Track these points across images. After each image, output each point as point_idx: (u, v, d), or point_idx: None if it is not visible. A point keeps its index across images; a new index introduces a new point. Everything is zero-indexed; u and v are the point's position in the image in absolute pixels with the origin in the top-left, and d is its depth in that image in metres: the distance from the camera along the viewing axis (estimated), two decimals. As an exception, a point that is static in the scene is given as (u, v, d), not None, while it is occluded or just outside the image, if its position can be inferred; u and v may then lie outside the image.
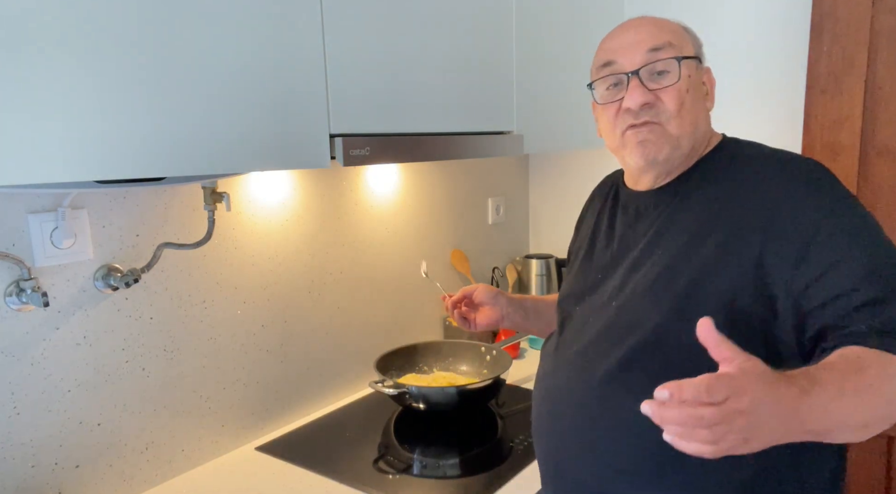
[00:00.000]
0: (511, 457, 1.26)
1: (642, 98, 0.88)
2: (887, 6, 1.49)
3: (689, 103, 0.90)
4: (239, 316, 1.32)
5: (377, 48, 1.10)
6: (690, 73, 0.90)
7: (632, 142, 0.91)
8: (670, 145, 0.90)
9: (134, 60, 0.79)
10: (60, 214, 1.03)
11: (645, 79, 0.89)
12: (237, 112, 0.90)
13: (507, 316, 1.21)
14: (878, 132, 1.54)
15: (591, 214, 1.12)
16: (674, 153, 0.91)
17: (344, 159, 1.01)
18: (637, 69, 0.89)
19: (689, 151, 0.92)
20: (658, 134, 0.90)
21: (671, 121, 0.89)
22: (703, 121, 0.93)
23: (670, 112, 0.89)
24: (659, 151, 0.90)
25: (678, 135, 0.89)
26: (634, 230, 0.96)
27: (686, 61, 0.90)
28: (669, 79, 0.89)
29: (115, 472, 1.14)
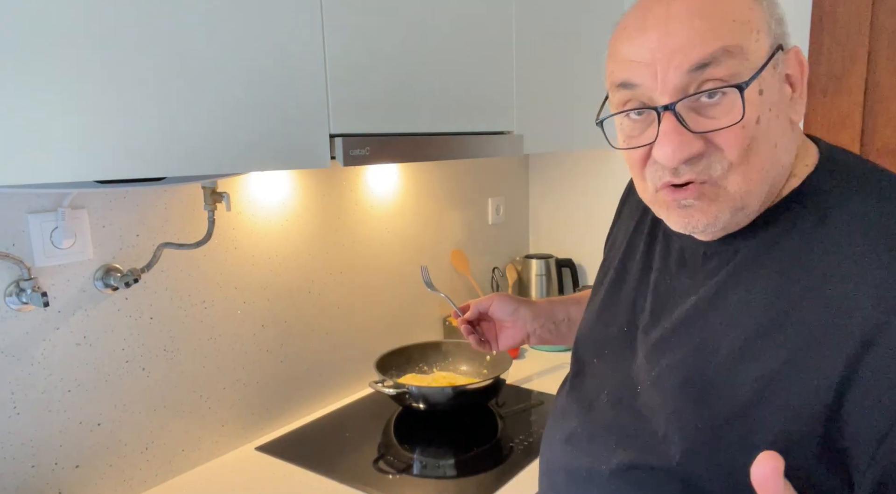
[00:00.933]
0: (511, 457, 1.26)
1: (682, 151, 0.57)
2: (887, 6, 1.49)
3: (761, 139, 0.58)
4: (239, 316, 1.32)
5: (377, 48, 1.10)
6: (764, 87, 0.58)
7: (670, 206, 0.63)
8: (730, 209, 0.60)
9: (134, 60, 0.79)
10: (60, 214, 1.03)
11: (686, 112, 0.58)
12: (237, 112, 0.90)
13: (533, 332, 0.99)
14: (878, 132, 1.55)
15: (627, 218, 0.85)
16: (735, 216, 0.61)
17: (344, 159, 1.01)
18: (672, 103, 0.57)
19: (760, 206, 0.62)
20: (710, 196, 0.60)
21: (731, 175, 0.59)
22: (784, 153, 0.61)
23: (731, 161, 0.58)
24: (713, 220, 0.61)
25: (742, 192, 0.59)
26: (674, 284, 0.70)
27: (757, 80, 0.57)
28: (726, 111, 0.57)
29: (115, 472, 1.14)
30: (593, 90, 1.73)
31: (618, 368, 0.74)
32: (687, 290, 0.68)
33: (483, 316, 1.03)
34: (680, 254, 0.71)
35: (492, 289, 2.03)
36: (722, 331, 0.62)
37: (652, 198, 0.66)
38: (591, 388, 0.78)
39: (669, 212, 0.64)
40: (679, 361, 0.64)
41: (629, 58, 0.60)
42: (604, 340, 0.78)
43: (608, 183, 1.98)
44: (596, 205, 2.02)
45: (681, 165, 0.59)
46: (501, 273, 2.05)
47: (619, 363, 0.74)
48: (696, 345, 0.63)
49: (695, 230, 0.63)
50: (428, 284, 1.13)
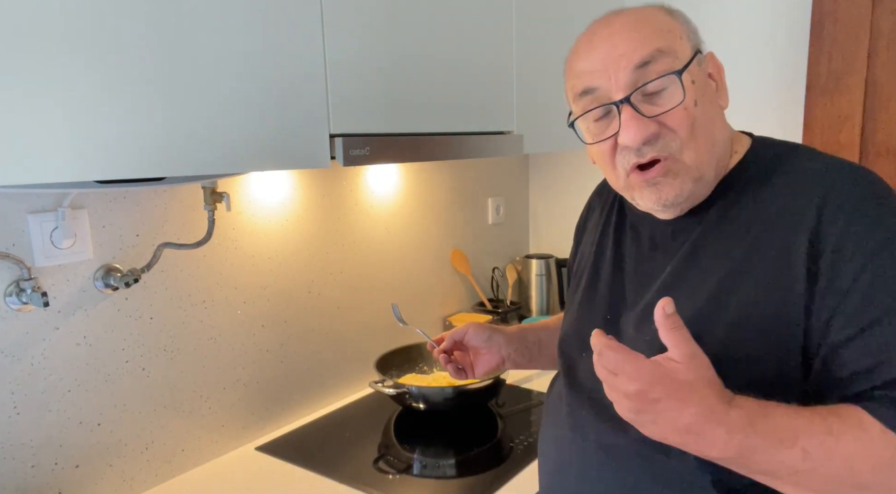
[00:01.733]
0: (511, 457, 1.26)
1: (642, 131, 0.70)
2: (887, 6, 1.49)
3: (700, 118, 0.72)
4: (239, 316, 1.32)
5: (377, 48, 1.10)
6: (694, 78, 0.72)
7: (641, 186, 0.74)
8: (691, 179, 0.73)
9: (134, 61, 0.79)
10: (60, 214, 1.03)
11: (639, 103, 0.71)
12: (237, 112, 0.90)
13: (507, 357, 1.06)
14: (878, 132, 1.55)
15: (593, 228, 0.95)
16: (697, 185, 0.73)
17: (344, 159, 1.01)
18: (627, 96, 0.71)
19: (715, 176, 0.75)
20: (672, 171, 0.72)
21: (685, 150, 0.71)
22: (721, 130, 0.75)
23: (682, 139, 0.71)
24: (679, 191, 0.73)
25: (697, 163, 0.72)
26: (650, 265, 0.80)
27: (688, 71, 0.71)
28: (671, 98, 0.70)
29: (115, 472, 1.14)
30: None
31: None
32: (662, 265, 0.78)
33: (458, 346, 1.07)
34: (651, 240, 0.82)
35: (492, 289, 2.03)
36: (700, 282, 0.73)
37: (624, 184, 0.77)
38: (586, 379, 0.83)
39: (641, 193, 0.75)
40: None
41: (586, 70, 0.74)
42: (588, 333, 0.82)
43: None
44: (596, 205, 2.02)
45: (643, 146, 0.72)
46: (501, 273, 2.05)
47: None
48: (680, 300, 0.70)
49: (665, 203, 0.74)
50: (399, 320, 1.17)
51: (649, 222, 0.82)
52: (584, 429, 0.81)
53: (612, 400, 0.63)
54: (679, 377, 0.60)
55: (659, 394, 0.60)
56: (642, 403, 0.60)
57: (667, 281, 0.76)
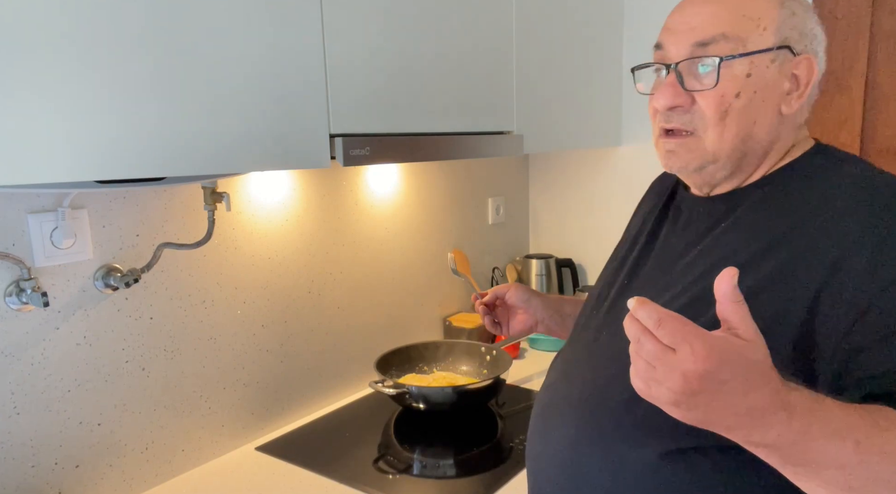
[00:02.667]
0: (511, 458, 1.26)
1: (670, 99, 0.74)
2: (887, 6, 1.49)
3: (738, 110, 0.73)
4: (239, 316, 1.32)
5: (377, 48, 1.10)
6: (754, 72, 0.73)
7: (662, 149, 0.80)
8: (701, 159, 0.76)
9: (135, 61, 0.79)
10: (60, 214, 1.03)
11: (685, 74, 0.74)
12: (237, 112, 0.90)
13: (542, 321, 1.10)
14: (878, 132, 1.55)
15: (643, 211, 0.99)
16: (708, 168, 0.76)
17: (344, 159, 1.01)
18: (675, 63, 0.75)
19: (734, 168, 0.77)
20: (688, 147, 0.76)
21: (707, 132, 0.74)
22: (764, 130, 0.75)
23: (707, 120, 0.74)
24: (686, 164, 0.77)
25: (714, 148, 0.74)
26: (681, 239, 0.83)
27: (736, 61, 0.72)
28: (711, 80, 0.73)
29: (115, 472, 1.14)
30: (593, 91, 1.73)
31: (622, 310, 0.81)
32: (692, 242, 0.80)
33: (499, 302, 1.13)
34: (687, 218, 0.84)
35: (492, 289, 2.03)
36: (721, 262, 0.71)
37: (656, 141, 0.81)
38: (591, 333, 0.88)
39: (660, 155, 0.80)
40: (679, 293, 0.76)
41: (667, 26, 0.78)
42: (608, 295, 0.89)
43: (608, 183, 1.98)
44: (596, 205, 2.02)
45: (671, 113, 0.76)
46: (501, 273, 2.05)
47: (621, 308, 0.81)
48: (699, 275, 0.75)
49: (672, 170, 0.80)
50: (454, 271, 1.31)
51: (689, 202, 0.85)
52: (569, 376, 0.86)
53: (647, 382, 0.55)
54: (749, 356, 0.54)
55: (727, 375, 0.53)
56: (704, 385, 0.52)
57: (692, 258, 0.78)
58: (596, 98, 1.75)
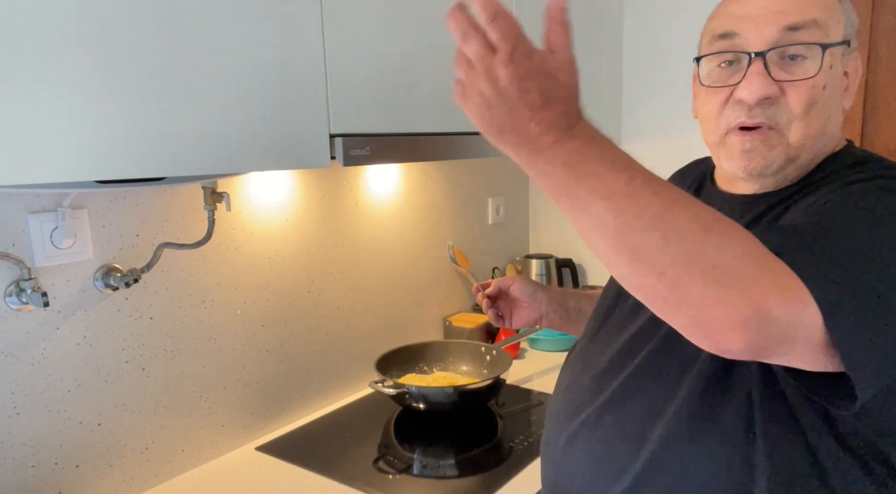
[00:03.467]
0: (511, 457, 1.26)
1: (763, 89, 0.69)
2: (887, 6, 1.49)
3: (822, 103, 0.70)
4: (239, 316, 1.32)
5: (377, 48, 1.10)
6: (833, 64, 0.70)
7: (735, 148, 0.73)
8: (786, 156, 0.72)
9: (134, 61, 0.79)
10: (60, 214, 1.03)
11: (772, 64, 0.69)
12: (237, 112, 0.90)
13: (545, 315, 1.08)
14: (878, 132, 1.55)
15: None
16: (787, 166, 0.72)
17: (344, 159, 1.01)
18: (765, 51, 0.69)
19: (807, 164, 0.73)
20: (773, 143, 0.71)
21: (793, 126, 0.70)
22: (835, 125, 0.74)
23: (795, 113, 0.70)
24: (769, 164, 0.72)
25: (800, 144, 0.71)
26: None
27: (833, 49, 0.69)
28: (804, 69, 0.69)
29: (115, 472, 1.14)
30: (593, 91, 1.73)
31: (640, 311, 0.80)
32: None
33: (502, 295, 1.11)
34: None
35: (492, 289, 2.03)
36: None
37: (718, 140, 0.75)
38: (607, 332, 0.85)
39: (731, 154, 0.74)
40: None
41: (737, 13, 0.72)
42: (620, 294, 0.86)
43: (608, 183, 1.98)
44: (596, 205, 2.02)
45: (755, 107, 0.70)
46: (501, 273, 2.05)
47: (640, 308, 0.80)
48: None
49: (752, 172, 0.72)
50: (453, 260, 1.28)
51: (719, 200, 0.81)
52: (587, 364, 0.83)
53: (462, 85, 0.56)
54: (558, 74, 0.56)
55: (532, 84, 0.54)
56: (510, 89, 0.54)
57: None
58: (596, 98, 1.75)
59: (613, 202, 0.53)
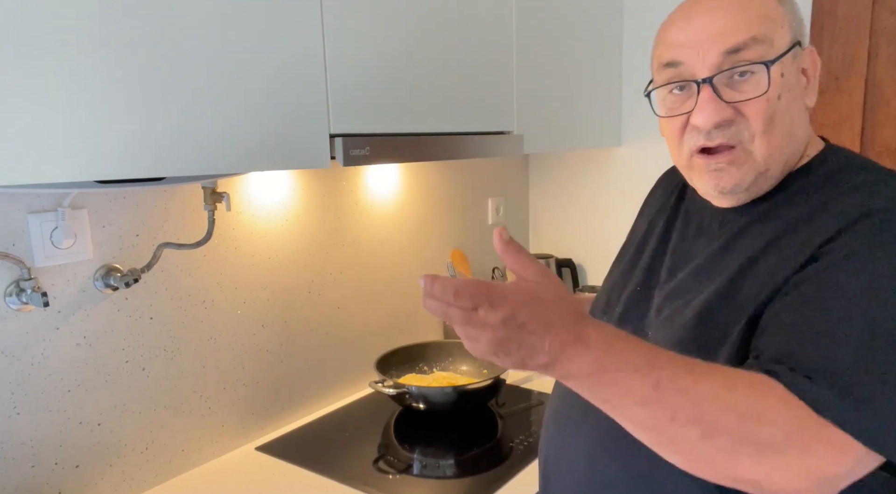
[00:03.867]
0: (511, 457, 1.26)
1: (716, 116, 0.69)
2: (887, 6, 1.49)
3: (781, 113, 0.70)
4: (239, 316, 1.32)
5: (377, 48, 1.10)
6: (785, 71, 0.70)
7: (703, 170, 0.74)
8: (755, 172, 0.72)
9: (134, 61, 0.79)
10: (60, 214, 1.03)
11: (721, 86, 0.70)
12: (237, 112, 0.90)
13: None
14: (878, 132, 1.55)
15: (650, 208, 0.96)
16: (759, 179, 0.73)
17: (344, 159, 1.01)
18: (710, 77, 0.70)
19: (780, 172, 0.74)
20: (738, 161, 0.71)
21: (756, 141, 0.70)
22: (799, 128, 0.73)
23: (756, 130, 0.70)
24: (739, 181, 0.72)
25: (765, 157, 0.71)
26: (689, 249, 0.81)
27: (779, 63, 0.69)
28: (755, 86, 0.69)
29: (115, 472, 1.14)
30: (593, 91, 1.73)
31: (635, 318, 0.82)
32: (702, 250, 0.78)
33: None
34: (699, 226, 0.82)
35: (492, 289, 2.02)
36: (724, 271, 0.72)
37: (687, 164, 0.77)
38: None
39: (701, 176, 0.75)
40: (688, 301, 0.74)
41: (677, 42, 0.72)
42: (619, 301, 0.87)
43: (608, 183, 1.98)
44: (596, 205, 2.02)
45: (713, 130, 0.70)
46: (501, 273, 2.05)
47: (634, 316, 0.83)
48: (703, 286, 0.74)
49: (723, 190, 0.73)
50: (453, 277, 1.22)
51: (702, 209, 0.82)
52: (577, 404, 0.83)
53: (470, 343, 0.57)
54: (540, 294, 0.57)
55: (525, 317, 0.55)
56: (508, 331, 0.55)
57: (701, 265, 0.76)
58: (596, 98, 1.75)
59: (646, 408, 0.57)
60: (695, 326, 0.72)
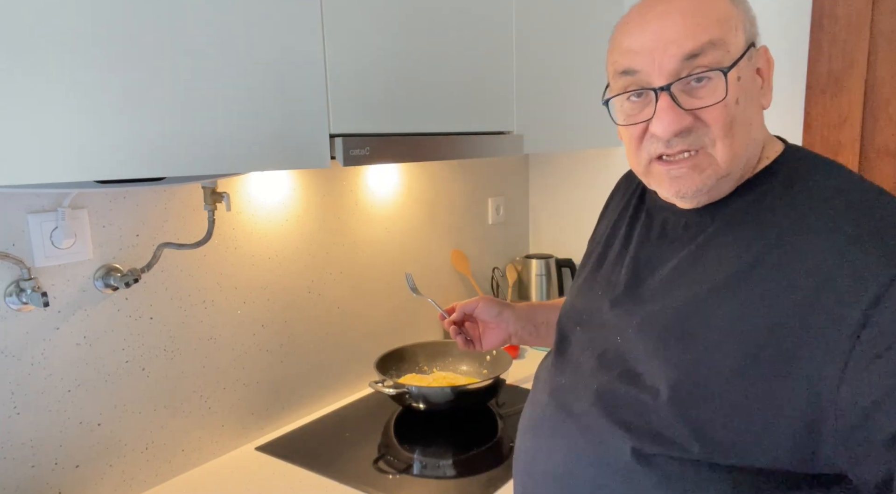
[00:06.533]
0: (511, 458, 1.26)
1: (676, 124, 0.68)
2: (887, 6, 1.49)
3: (740, 116, 0.69)
4: (239, 316, 1.32)
5: (377, 48, 1.10)
6: (741, 74, 0.69)
7: (663, 176, 0.72)
8: (716, 176, 0.70)
9: (135, 61, 0.79)
10: (60, 214, 1.03)
11: (678, 93, 0.68)
12: (237, 112, 0.90)
13: (515, 333, 1.07)
14: (878, 132, 1.55)
15: (612, 211, 0.93)
16: (720, 182, 0.71)
17: (344, 159, 1.01)
18: (667, 85, 0.68)
19: (740, 175, 0.72)
20: (699, 167, 0.70)
21: (718, 145, 0.69)
22: (757, 131, 0.72)
23: (716, 134, 0.68)
24: (700, 186, 0.70)
25: (727, 161, 0.69)
26: (655, 252, 0.78)
27: (736, 67, 0.67)
28: (713, 92, 0.67)
29: (115, 472, 1.14)
30: (593, 90, 1.73)
31: (602, 325, 0.81)
32: (668, 256, 0.76)
33: (468, 318, 1.09)
34: (662, 228, 0.80)
35: (492, 289, 2.03)
36: (698, 283, 0.70)
37: (645, 171, 0.75)
38: (576, 352, 0.84)
39: (660, 182, 0.73)
40: (662, 309, 0.72)
41: (631, 48, 0.71)
42: (585, 308, 0.85)
43: (608, 183, 1.97)
44: (596, 204, 2.02)
45: (673, 138, 0.69)
46: (501, 273, 2.05)
47: (601, 323, 0.81)
48: (677, 296, 0.71)
49: (684, 195, 0.72)
50: (413, 290, 1.20)
51: (664, 211, 0.80)
52: (556, 393, 0.82)
53: None
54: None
55: None
56: None
57: (670, 273, 0.74)
58: (596, 98, 1.75)
59: None
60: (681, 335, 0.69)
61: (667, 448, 0.67)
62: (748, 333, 0.64)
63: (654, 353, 0.71)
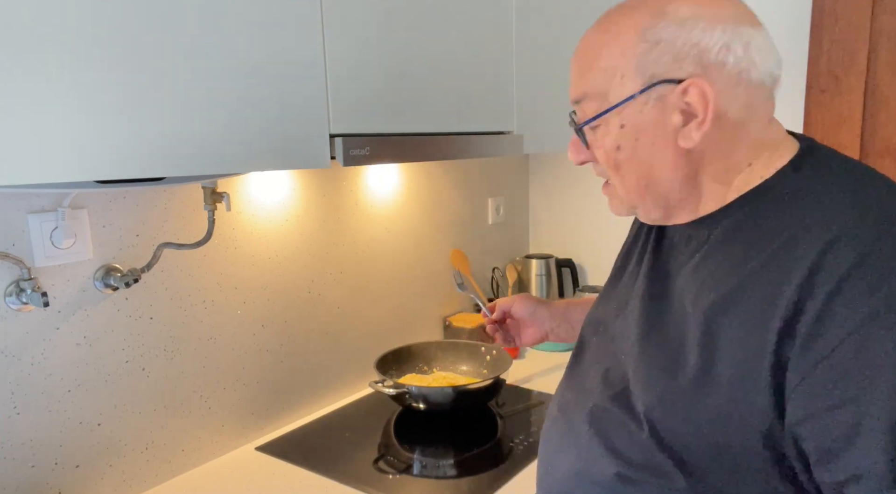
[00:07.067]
0: (511, 457, 1.26)
1: (574, 157, 0.76)
2: (887, 6, 1.49)
3: (629, 161, 0.70)
4: (239, 316, 1.32)
5: (377, 48, 1.10)
6: (623, 122, 0.68)
7: None
8: (626, 206, 0.76)
9: (133, 60, 0.79)
10: (60, 214, 1.03)
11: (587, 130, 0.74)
12: (237, 112, 0.90)
13: (551, 331, 1.10)
14: (878, 132, 1.55)
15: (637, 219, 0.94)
16: (636, 210, 0.75)
17: (344, 159, 1.01)
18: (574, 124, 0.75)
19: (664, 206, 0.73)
20: (612, 193, 0.77)
21: (615, 181, 0.74)
22: (669, 170, 0.69)
23: (609, 172, 0.74)
24: (619, 210, 0.77)
25: (626, 197, 0.74)
26: (663, 267, 0.79)
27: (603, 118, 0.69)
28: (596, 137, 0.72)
29: (115, 472, 1.14)
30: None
31: (612, 339, 0.82)
32: (673, 270, 0.77)
33: (506, 316, 1.14)
34: (670, 241, 0.80)
35: (491, 289, 2.03)
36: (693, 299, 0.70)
37: None
38: (587, 363, 0.86)
39: None
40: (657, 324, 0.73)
41: None
42: (602, 319, 0.87)
43: (608, 183, 1.98)
44: (596, 205, 2.02)
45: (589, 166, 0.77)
46: (501, 273, 2.05)
47: (612, 336, 0.82)
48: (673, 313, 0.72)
49: (620, 215, 0.78)
50: (460, 286, 1.27)
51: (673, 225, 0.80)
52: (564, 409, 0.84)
53: None
54: None
55: None
56: None
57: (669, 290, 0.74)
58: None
59: None
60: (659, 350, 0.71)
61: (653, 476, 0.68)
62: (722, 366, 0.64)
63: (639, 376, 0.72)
